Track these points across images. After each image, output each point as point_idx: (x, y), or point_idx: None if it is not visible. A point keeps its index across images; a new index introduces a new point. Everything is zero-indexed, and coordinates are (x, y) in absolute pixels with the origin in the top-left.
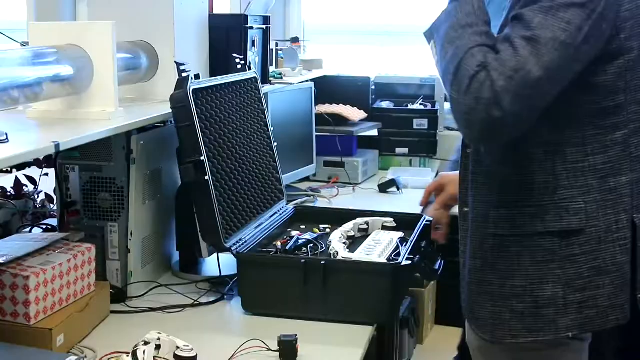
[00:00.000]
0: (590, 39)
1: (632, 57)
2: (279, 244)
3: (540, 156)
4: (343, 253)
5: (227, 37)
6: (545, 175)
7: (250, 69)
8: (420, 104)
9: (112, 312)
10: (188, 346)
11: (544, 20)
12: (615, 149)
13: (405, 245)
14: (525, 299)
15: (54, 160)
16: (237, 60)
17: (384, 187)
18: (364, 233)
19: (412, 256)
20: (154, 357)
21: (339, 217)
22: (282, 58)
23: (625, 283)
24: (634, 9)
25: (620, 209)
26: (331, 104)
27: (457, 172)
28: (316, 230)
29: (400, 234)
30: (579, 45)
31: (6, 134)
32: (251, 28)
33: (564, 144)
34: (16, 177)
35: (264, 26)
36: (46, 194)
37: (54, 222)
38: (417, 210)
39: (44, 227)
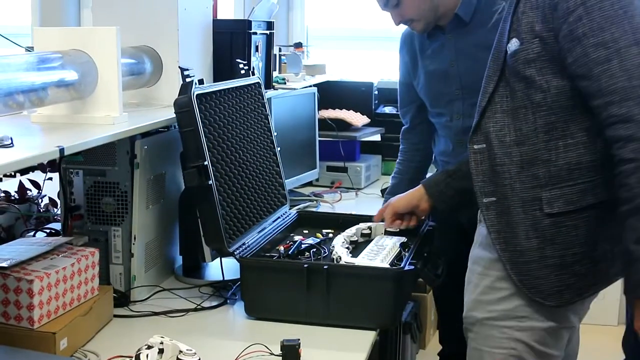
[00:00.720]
0: None
1: None
2: (281, 248)
3: (584, 139)
4: (346, 258)
5: (230, 42)
6: (592, 154)
7: (253, 74)
8: None
9: (115, 316)
10: (191, 350)
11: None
12: None
13: (408, 251)
14: (584, 262)
15: (58, 164)
16: (241, 66)
17: None
18: (367, 238)
19: (414, 261)
20: None
21: (342, 222)
22: (285, 63)
23: None
24: None
25: None
26: (334, 109)
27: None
28: (319, 235)
29: (403, 239)
30: None
31: (11, 139)
32: (255, 33)
33: (603, 128)
34: (20, 181)
35: (268, 31)
36: (50, 198)
37: (57, 226)
38: None
39: (48, 231)
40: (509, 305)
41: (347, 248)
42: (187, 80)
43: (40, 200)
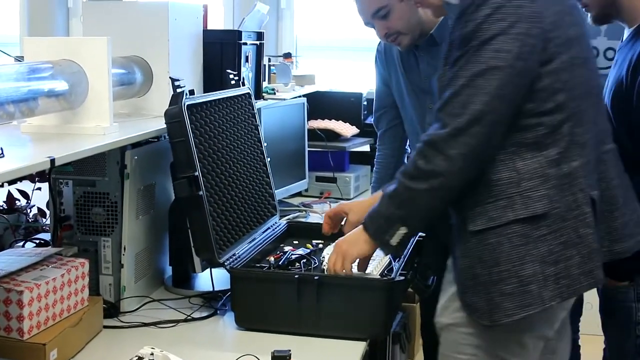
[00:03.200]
0: (522, 55)
1: (564, 59)
2: (272, 259)
3: (502, 157)
4: None
5: (221, 52)
6: (509, 172)
7: (244, 84)
8: None
9: (105, 327)
10: None
11: (476, 57)
12: (564, 140)
13: (398, 261)
14: (512, 281)
15: (48, 174)
16: (231, 76)
17: None
18: None
19: (405, 272)
20: None
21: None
22: (274, 73)
23: (591, 252)
24: (557, 20)
25: (576, 189)
26: (323, 120)
27: (358, 201)
28: (309, 245)
29: None
30: (514, 63)
31: (1, 149)
32: (245, 44)
33: (520, 144)
34: (9, 191)
35: (258, 42)
36: (39, 208)
37: (46, 236)
38: None
39: (37, 241)
40: None
41: None
42: (178, 90)
43: (29, 211)
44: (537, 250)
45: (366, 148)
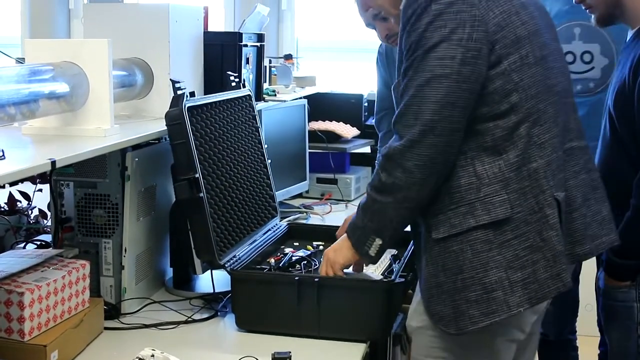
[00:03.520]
0: (467, 61)
1: (514, 59)
2: (272, 261)
3: (462, 163)
4: None
5: (221, 54)
6: (469, 177)
7: (244, 86)
8: None
9: (106, 328)
10: None
11: (422, 66)
12: (522, 141)
13: (398, 263)
14: (476, 288)
15: (49, 176)
16: (232, 78)
17: None
18: None
19: (405, 273)
20: None
21: (332, 234)
22: (275, 75)
23: (556, 255)
24: (502, 21)
25: (538, 191)
26: (324, 121)
27: None
28: (310, 247)
29: (394, 251)
30: (459, 70)
31: (2, 151)
32: (245, 45)
33: (478, 149)
34: (10, 192)
35: (258, 44)
36: (40, 210)
37: (47, 238)
38: None
39: (38, 243)
40: None
41: None
42: (179, 92)
43: (30, 212)
44: (501, 256)
45: (367, 149)
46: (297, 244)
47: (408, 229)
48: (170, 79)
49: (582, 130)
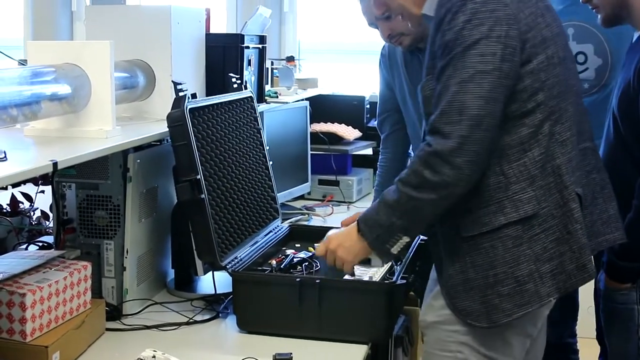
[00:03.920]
0: (506, 57)
1: (541, 59)
2: (274, 262)
3: (490, 162)
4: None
5: (223, 56)
6: (497, 176)
7: (246, 88)
8: None
9: (108, 329)
10: None
11: (462, 63)
12: (545, 139)
13: (400, 265)
14: (508, 282)
15: (51, 178)
16: (233, 80)
17: None
18: None
19: (406, 275)
20: None
21: None
22: (277, 77)
23: (581, 247)
24: (530, 21)
25: (562, 187)
26: (326, 123)
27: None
28: (311, 249)
29: None
30: (500, 66)
31: (4, 152)
32: (247, 47)
33: (505, 148)
34: (12, 193)
35: (260, 45)
36: (42, 211)
37: (49, 239)
38: None
39: (40, 244)
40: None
41: None
42: (180, 94)
43: (32, 213)
44: (530, 250)
45: (369, 151)
46: (298, 245)
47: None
48: (172, 81)
49: (592, 131)
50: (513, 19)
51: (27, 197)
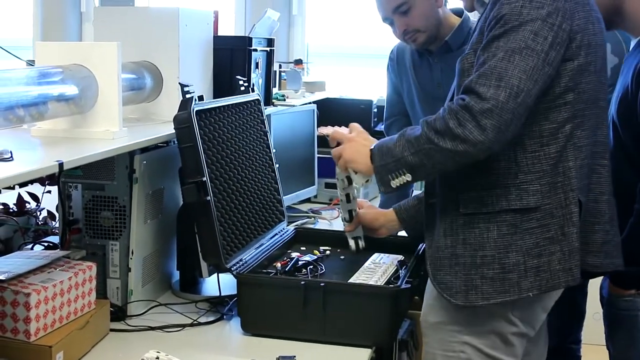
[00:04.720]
0: (554, 46)
1: (582, 61)
2: (279, 265)
3: (504, 147)
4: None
5: (231, 58)
6: (508, 162)
7: (253, 90)
8: None
9: (112, 330)
10: None
11: (515, 35)
12: (564, 139)
13: (405, 269)
14: (494, 266)
15: (57, 178)
16: (241, 82)
17: None
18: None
19: (411, 279)
20: None
21: (340, 239)
22: (285, 80)
23: (572, 250)
24: (582, 24)
25: (568, 189)
26: (333, 126)
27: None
28: (316, 252)
29: (400, 257)
30: (548, 51)
31: (11, 152)
32: (255, 50)
33: (524, 137)
34: (19, 193)
35: (268, 48)
36: (48, 211)
37: (55, 239)
38: None
39: (46, 244)
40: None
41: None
42: (187, 96)
43: (38, 213)
44: (523, 241)
45: None
46: (304, 248)
47: (406, 230)
48: (180, 83)
49: (608, 147)
50: (569, 15)
51: (34, 197)
